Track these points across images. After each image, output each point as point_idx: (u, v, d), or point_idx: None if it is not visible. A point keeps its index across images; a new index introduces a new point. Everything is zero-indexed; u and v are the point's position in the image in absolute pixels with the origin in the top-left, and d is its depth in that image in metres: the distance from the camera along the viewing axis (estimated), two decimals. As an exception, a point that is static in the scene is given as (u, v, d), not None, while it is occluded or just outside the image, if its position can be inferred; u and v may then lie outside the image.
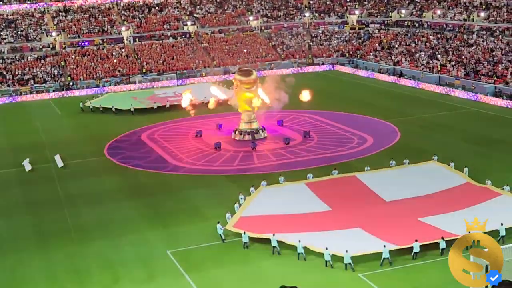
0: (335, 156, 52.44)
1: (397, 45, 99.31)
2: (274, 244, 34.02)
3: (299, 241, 33.28)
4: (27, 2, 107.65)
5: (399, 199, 40.48)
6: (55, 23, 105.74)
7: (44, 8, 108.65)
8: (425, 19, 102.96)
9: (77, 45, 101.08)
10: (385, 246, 32.32)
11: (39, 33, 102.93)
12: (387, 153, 52.10)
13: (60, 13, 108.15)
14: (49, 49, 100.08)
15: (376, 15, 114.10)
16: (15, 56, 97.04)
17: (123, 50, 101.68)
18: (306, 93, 64.20)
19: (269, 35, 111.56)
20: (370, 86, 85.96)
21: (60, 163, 53.57)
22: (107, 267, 33.96)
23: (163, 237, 37.56)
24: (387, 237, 34.11)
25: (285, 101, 62.01)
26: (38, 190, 47.71)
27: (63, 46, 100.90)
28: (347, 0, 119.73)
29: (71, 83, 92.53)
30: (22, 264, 34.82)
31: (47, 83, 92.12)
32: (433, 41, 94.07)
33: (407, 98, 76.14)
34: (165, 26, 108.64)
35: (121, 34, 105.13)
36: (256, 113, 59.99)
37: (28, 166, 52.94)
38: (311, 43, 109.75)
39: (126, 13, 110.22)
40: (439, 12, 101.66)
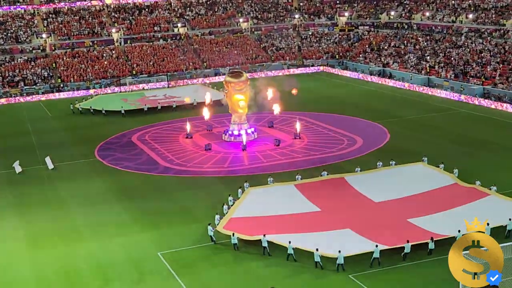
0: (325, 157, 52.69)
1: (386, 47, 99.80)
2: (265, 244, 34.21)
3: (289, 242, 33.48)
4: (17, 4, 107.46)
5: (388, 200, 40.67)
6: (45, 25, 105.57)
7: (34, 10, 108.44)
8: (414, 21, 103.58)
9: (67, 47, 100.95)
10: (377, 246, 32.53)
11: (29, 35, 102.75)
12: (376, 154, 52.38)
13: (50, 15, 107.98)
14: (39, 51, 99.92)
15: (365, 17, 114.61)
16: (5, 58, 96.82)
17: (113, 52, 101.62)
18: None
19: (259, 36, 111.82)
20: (359, 88, 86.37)
21: (50, 165, 53.52)
22: (98, 268, 33.99)
23: (153, 238, 37.62)
24: (376, 237, 34.27)
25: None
26: (28, 192, 47.58)
27: (53, 48, 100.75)
28: (337, 2, 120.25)
29: (61, 85, 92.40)
30: (13, 266, 34.77)
31: (37, 85, 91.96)
32: (422, 42, 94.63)
33: (396, 100, 76.54)
34: (155, 28, 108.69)
35: (112, 36, 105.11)
36: (246, 115, 60.17)
37: (18, 168, 52.85)
38: (301, 45, 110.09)
39: (116, 15, 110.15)
40: (428, 14, 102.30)
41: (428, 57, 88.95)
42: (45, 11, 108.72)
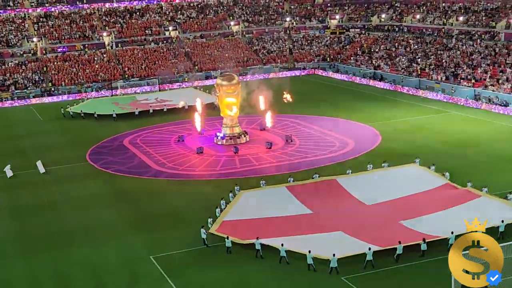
0: (317, 160, 52.76)
1: (377, 49, 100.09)
2: (258, 247, 34.22)
3: (282, 245, 33.48)
4: (8, 8, 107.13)
5: (380, 202, 40.76)
6: (36, 28, 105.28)
7: (24, 14, 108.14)
8: (405, 23, 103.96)
9: (58, 51, 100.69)
10: (370, 249, 32.56)
11: (20, 39, 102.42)
12: (368, 156, 52.48)
13: (41, 19, 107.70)
14: (30, 54, 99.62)
15: (356, 19, 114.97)
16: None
17: (104, 56, 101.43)
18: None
19: (250, 40, 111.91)
20: (351, 90, 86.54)
21: (42, 169, 53.36)
22: (90, 272, 33.90)
23: (146, 242, 37.54)
24: (368, 239, 34.31)
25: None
26: (20, 196, 47.46)
27: (44, 51, 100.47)
28: (328, 5, 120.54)
29: (52, 89, 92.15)
30: (5, 270, 34.66)
31: (28, 89, 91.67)
32: (413, 45, 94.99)
33: (388, 102, 76.71)
34: (146, 32, 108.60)
35: (103, 39, 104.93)
36: (238, 118, 60.22)
37: (9, 172, 52.66)
38: (293, 48, 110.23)
39: (107, 19, 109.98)
40: (418, 16, 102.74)
41: (419, 59, 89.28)
42: (35, 15, 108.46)
